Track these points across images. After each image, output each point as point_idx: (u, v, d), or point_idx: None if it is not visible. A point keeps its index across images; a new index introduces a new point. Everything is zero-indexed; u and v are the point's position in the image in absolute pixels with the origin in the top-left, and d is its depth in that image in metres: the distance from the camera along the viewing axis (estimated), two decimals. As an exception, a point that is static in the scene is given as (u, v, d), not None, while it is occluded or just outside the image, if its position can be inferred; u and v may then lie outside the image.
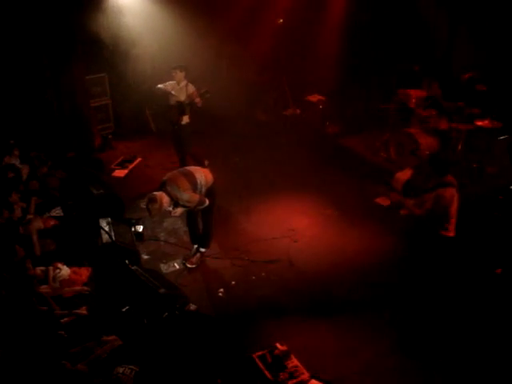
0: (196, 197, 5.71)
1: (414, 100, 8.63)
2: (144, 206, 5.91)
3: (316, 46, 10.47)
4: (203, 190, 5.89)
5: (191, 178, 5.79)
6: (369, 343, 5.17)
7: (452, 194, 5.43)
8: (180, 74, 7.91)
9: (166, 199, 5.51)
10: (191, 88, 7.95)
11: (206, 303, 5.66)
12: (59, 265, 5.50)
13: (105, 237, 5.78)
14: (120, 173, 8.80)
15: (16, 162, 7.62)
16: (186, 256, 6.49)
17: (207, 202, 5.86)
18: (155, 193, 5.55)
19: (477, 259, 6.16)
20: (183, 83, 7.96)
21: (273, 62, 11.02)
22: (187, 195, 5.63)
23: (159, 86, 7.97)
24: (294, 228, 7.09)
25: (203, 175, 5.94)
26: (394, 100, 8.91)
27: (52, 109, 8.80)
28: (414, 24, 9.51)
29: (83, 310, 5.04)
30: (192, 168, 6.10)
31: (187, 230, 6.63)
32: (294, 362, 4.83)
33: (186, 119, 8.11)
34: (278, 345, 5.00)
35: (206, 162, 8.45)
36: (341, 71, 10.17)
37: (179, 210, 5.84)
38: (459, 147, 7.84)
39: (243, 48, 10.62)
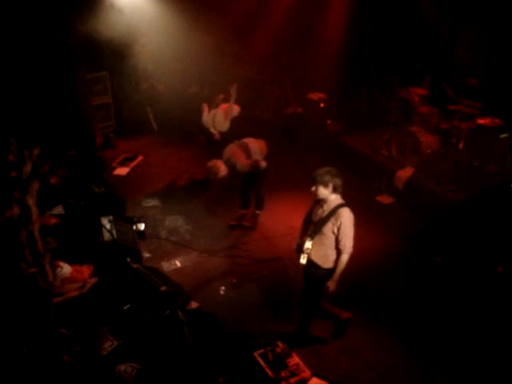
0: (248, 163, 6.66)
1: (415, 98, 8.61)
2: (146, 205, 6.02)
3: (317, 44, 10.44)
4: (258, 157, 6.77)
5: (246, 148, 6.77)
6: (370, 341, 5.19)
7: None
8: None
9: (223, 167, 6.63)
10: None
11: (208, 301, 5.66)
12: (61, 263, 5.50)
13: (106, 235, 5.79)
14: (121, 171, 8.80)
15: (14, 159, 7.59)
16: (240, 216, 7.15)
17: (263, 164, 6.68)
18: (215, 161, 6.66)
19: (478, 258, 6.17)
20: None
21: (274, 60, 11.00)
22: (240, 163, 6.63)
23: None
24: (294, 226, 7.07)
25: (257, 145, 6.88)
26: (396, 98, 8.89)
27: (53, 107, 8.79)
28: (416, 23, 9.47)
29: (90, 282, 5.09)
30: (247, 139, 6.94)
31: (189, 228, 6.72)
32: (295, 359, 4.85)
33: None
34: (280, 343, 5.01)
35: None
36: (342, 69, 10.14)
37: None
38: (460, 146, 7.83)
39: (244, 46, 10.61)
